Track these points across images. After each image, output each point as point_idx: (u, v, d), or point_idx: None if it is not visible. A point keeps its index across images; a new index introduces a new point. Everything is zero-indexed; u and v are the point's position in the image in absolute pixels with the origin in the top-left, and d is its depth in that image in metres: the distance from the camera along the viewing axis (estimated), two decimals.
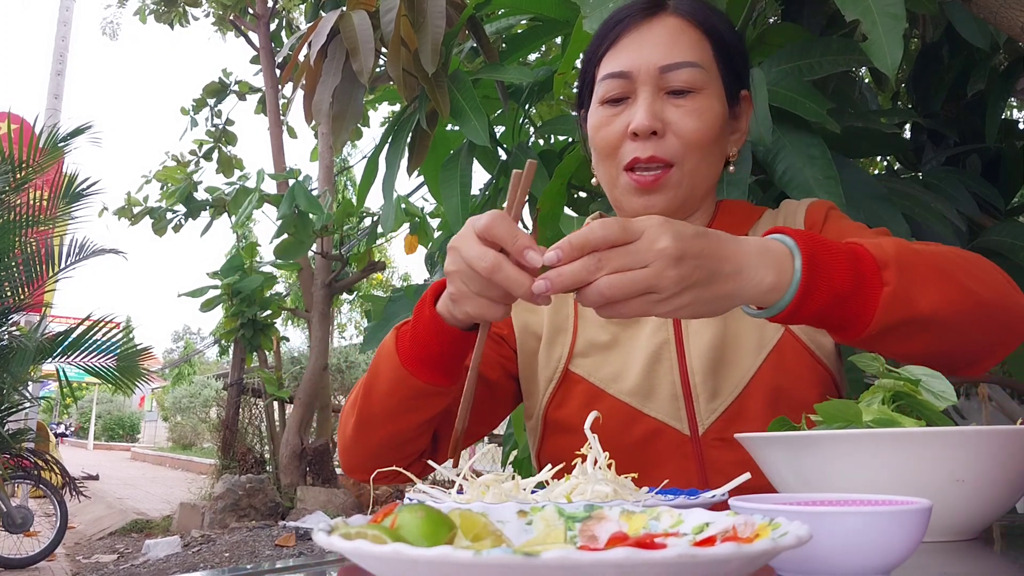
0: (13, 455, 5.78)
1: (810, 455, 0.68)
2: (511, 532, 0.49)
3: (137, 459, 22.77)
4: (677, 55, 0.95)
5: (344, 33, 1.75)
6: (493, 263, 0.70)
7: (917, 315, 0.75)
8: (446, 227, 2.31)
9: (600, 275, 0.66)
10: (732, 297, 0.71)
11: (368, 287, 12.97)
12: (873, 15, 1.16)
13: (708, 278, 0.68)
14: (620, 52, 0.98)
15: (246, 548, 5.77)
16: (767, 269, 0.71)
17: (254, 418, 9.16)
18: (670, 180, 0.96)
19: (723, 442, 0.94)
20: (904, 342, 0.78)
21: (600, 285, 0.66)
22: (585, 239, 0.66)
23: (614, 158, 0.98)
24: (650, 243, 0.66)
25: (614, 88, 0.97)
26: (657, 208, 0.97)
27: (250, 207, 7.16)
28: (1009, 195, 1.93)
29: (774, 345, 0.97)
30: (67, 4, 9.48)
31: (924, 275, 0.76)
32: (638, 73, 0.96)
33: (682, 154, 0.96)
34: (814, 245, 0.73)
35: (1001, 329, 0.82)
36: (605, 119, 0.98)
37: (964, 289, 0.78)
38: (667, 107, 0.96)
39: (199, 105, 9.88)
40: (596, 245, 0.66)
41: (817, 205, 1.05)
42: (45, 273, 5.81)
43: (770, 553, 0.36)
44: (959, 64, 1.95)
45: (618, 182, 0.99)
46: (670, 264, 0.66)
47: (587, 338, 1.04)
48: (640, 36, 0.98)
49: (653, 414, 0.97)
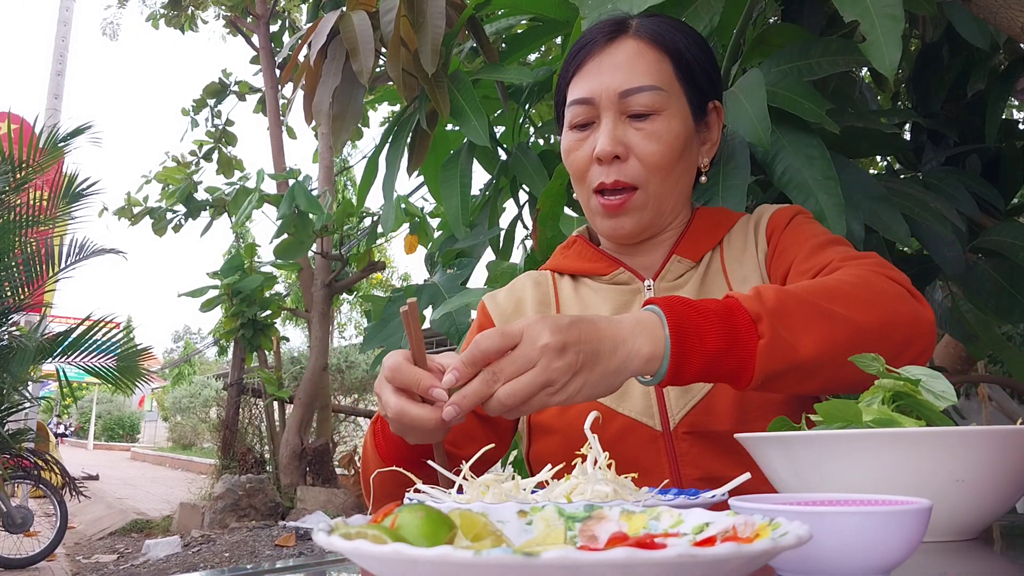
0: (13, 455, 5.78)
1: (810, 455, 0.68)
2: (511, 532, 0.49)
3: (137, 459, 22.77)
4: (635, 80, 0.98)
5: (344, 33, 1.75)
6: (396, 411, 0.77)
7: (799, 360, 0.78)
8: (446, 227, 2.31)
9: (497, 386, 0.72)
10: (619, 372, 0.76)
11: (368, 287, 12.97)
12: (872, 16, 1.16)
13: (592, 359, 0.74)
14: (583, 78, 1.01)
15: (246, 548, 5.77)
16: (643, 339, 0.76)
17: (254, 418, 9.16)
18: (635, 203, 1.00)
19: (693, 436, 0.97)
20: (800, 384, 0.81)
21: (500, 397, 0.72)
22: (472, 356, 0.72)
23: (584, 181, 1.02)
24: (532, 343, 0.72)
25: (579, 114, 1.01)
26: (625, 229, 1.02)
27: (250, 207, 7.16)
28: (1009, 195, 1.93)
29: None
30: (67, 4, 9.47)
31: (803, 320, 0.79)
32: (599, 99, 0.99)
33: (645, 177, 0.99)
34: (683, 310, 0.77)
35: (900, 347, 0.83)
36: (574, 144, 1.02)
37: (847, 323, 0.81)
38: (629, 131, 0.99)
39: (199, 105, 9.89)
40: (485, 358, 0.73)
41: (782, 211, 1.08)
42: (45, 273, 5.81)
43: (770, 553, 0.36)
44: (959, 64, 1.95)
45: (589, 204, 1.03)
46: (555, 356, 0.71)
47: None
48: (601, 61, 1.00)
49: (626, 412, 0.99)
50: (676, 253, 1.05)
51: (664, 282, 1.05)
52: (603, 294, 1.07)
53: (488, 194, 2.17)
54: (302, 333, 17.72)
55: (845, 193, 1.33)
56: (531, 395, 0.72)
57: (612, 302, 1.06)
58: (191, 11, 9.77)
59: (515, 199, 2.13)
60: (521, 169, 1.94)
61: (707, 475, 0.95)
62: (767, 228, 1.06)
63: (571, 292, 1.11)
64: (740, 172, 1.37)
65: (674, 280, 1.05)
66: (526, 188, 2.04)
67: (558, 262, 1.15)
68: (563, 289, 1.12)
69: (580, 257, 1.12)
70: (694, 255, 1.05)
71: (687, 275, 1.05)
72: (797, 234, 1.03)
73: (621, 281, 1.07)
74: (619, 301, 1.06)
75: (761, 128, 1.30)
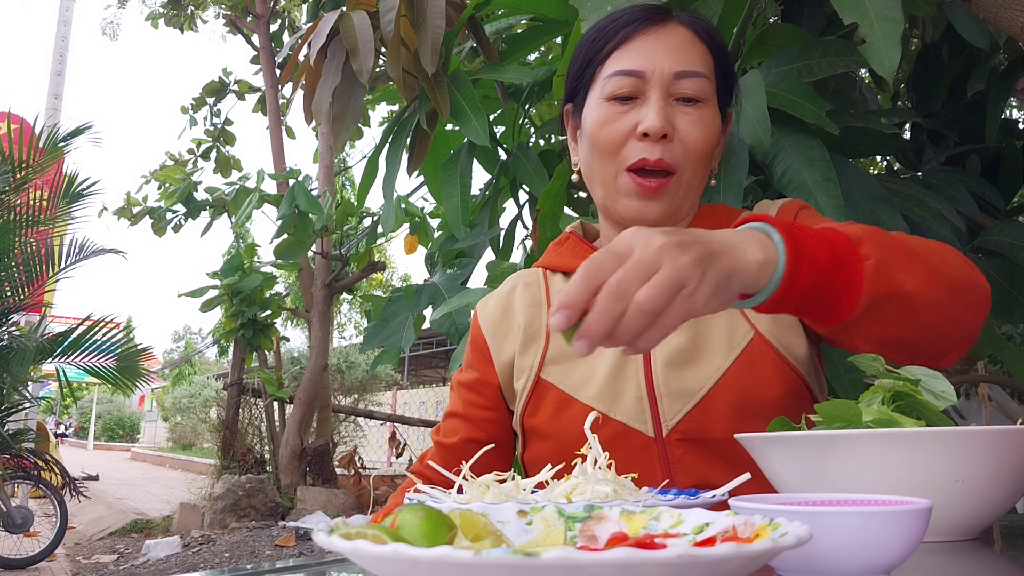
0: (13, 455, 5.78)
1: (810, 455, 0.68)
2: (511, 532, 0.49)
3: (137, 459, 22.76)
4: (688, 63, 0.96)
5: (344, 33, 1.75)
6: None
7: (900, 291, 0.73)
8: (446, 227, 2.31)
9: (628, 300, 0.61)
10: (733, 275, 0.67)
11: (368, 287, 12.96)
12: (871, 19, 1.16)
13: (710, 255, 0.64)
14: (632, 51, 0.97)
15: (246, 548, 5.77)
16: (753, 247, 0.69)
17: (254, 418, 9.15)
18: (670, 189, 0.97)
19: (687, 442, 0.95)
20: (887, 324, 0.75)
21: (639, 300, 0.61)
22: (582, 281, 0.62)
23: (616, 157, 0.97)
24: (647, 245, 0.62)
25: (624, 86, 0.96)
26: (653, 214, 0.98)
27: (250, 207, 7.16)
28: (1009, 195, 1.93)
29: (744, 348, 0.97)
30: (67, 4, 9.47)
31: (897, 254, 0.75)
32: (652, 74, 0.95)
33: (684, 162, 0.96)
34: (787, 225, 0.72)
35: (968, 311, 0.81)
36: (611, 116, 0.97)
37: (934, 269, 0.77)
38: (676, 113, 0.96)
39: (198, 104, 9.88)
40: (597, 279, 0.62)
41: (786, 207, 1.06)
42: (45, 273, 5.81)
43: (770, 553, 0.36)
44: (959, 64, 1.96)
45: (616, 182, 0.98)
46: (678, 252, 0.62)
47: (558, 346, 1.04)
48: (653, 39, 0.97)
49: (618, 417, 0.97)
50: None
51: None
52: None
53: (488, 194, 2.17)
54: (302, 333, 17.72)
55: (845, 193, 1.33)
56: (670, 297, 0.61)
57: None
58: (191, 11, 9.77)
59: (515, 199, 2.13)
60: (521, 169, 1.94)
61: (701, 483, 0.93)
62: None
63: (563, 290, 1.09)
64: (739, 169, 1.37)
65: None
66: (526, 188, 2.04)
67: (550, 259, 1.13)
68: (555, 287, 1.10)
69: (573, 255, 1.10)
70: None
71: None
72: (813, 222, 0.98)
73: None
74: None
75: (761, 130, 1.30)
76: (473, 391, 1.12)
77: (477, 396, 1.11)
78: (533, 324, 1.08)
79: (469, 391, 1.12)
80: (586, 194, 2.04)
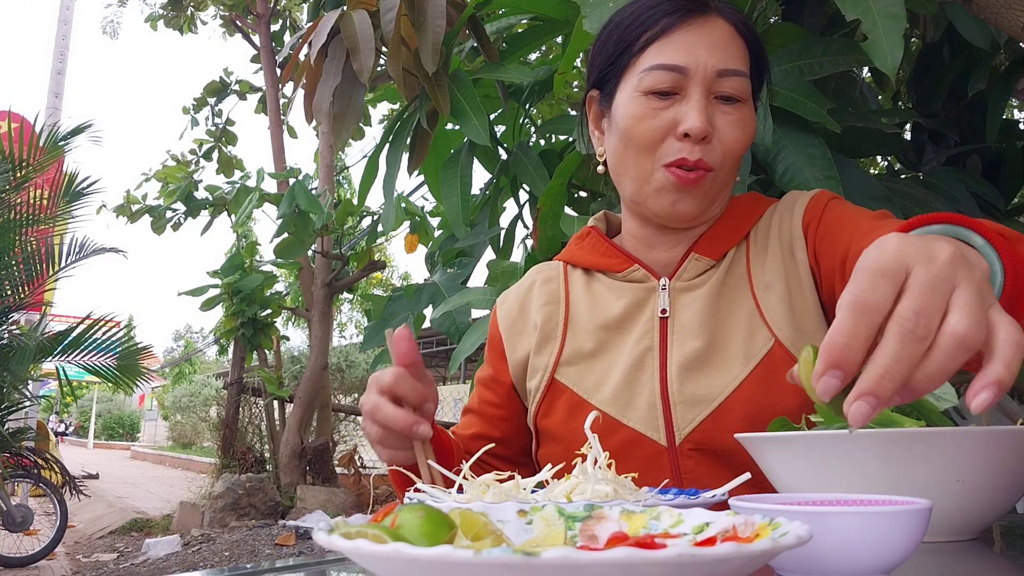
0: (13, 454, 5.79)
1: (810, 455, 0.68)
2: (511, 532, 0.49)
3: (137, 458, 22.78)
4: (730, 61, 0.93)
5: (344, 33, 1.75)
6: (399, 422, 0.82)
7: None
8: (446, 226, 2.31)
9: (932, 338, 0.48)
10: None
11: (368, 286, 12.97)
12: (873, 15, 1.16)
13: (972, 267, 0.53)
14: (673, 45, 0.93)
15: (246, 547, 5.77)
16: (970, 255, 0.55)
17: (254, 417, 9.15)
18: (707, 183, 0.95)
19: (699, 452, 0.92)
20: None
21: (960, 332, 0.48)
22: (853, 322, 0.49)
23: (653, 153, 0.94)
24: (932, 261, 0.50)
25: (665, 81, 0.92)
26: (687, 207, 0.95)
27: (250, 206, 7.16)
28: (1009, 195, 1.93)
29: (763, 356, 0.93)
30: (67, 3, 9.47)
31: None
32: (695, 71, 0.92)
33: (721, 162, 0.94)
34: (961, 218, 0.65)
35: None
36: (650, 111, 0.93)
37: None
38: (716, 112, 0.93)
39: (199, 104, 9.89)
40: (877, 316, 0.49)
41: (819, 196, 1.02)
42: (45, 272, 5.81)
43: (770, 553, 0.36)
44: (959, 64, 1.96)
45: (652, 177, 0.95)
46: (963, 266, 0.51)
47: (574, 346, 1.02)
48: (695, 33, 0.93)
49: (631, 424, 0.95)
50: (694, 251, 1.00)
51: (680, 282, 1.00)
52: (616, 291, 1.03)
53: (488, 193, 2.17)
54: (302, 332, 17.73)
55: (846, 193, 1.33)
56: (983, 316, 0.49)
57: (625, 299, 1.01)
58: (191, 11, 9.76)
59: (515, 198, 2.13)
60: (521, 168, 1.94)
61: None
62: (806, 211, 1.00)
63: (582, 287, 1.07)
64: (741, 167, 1.37)
65: (691, 280, 1.00)
66: (526, 187, 2.04)
67: (572, 253, 1.10)
68: (574, 283, 1.08)
69: (594, 251, 1.07)
70: (714, 253, 1.00)
71: (706, 275, 0.99)
72: (840, 216, 0.96)
73: (635, 279, 1.02)
74: (633, 299, 1.01)
75: (764, 128, 1.30)
76: (487, 388, 1.11)
77: (490, 393, 1.10)
78: (550, 322, 1.05)
79: (484, 388, 1.11)
80: (586, 193, 2.04)
